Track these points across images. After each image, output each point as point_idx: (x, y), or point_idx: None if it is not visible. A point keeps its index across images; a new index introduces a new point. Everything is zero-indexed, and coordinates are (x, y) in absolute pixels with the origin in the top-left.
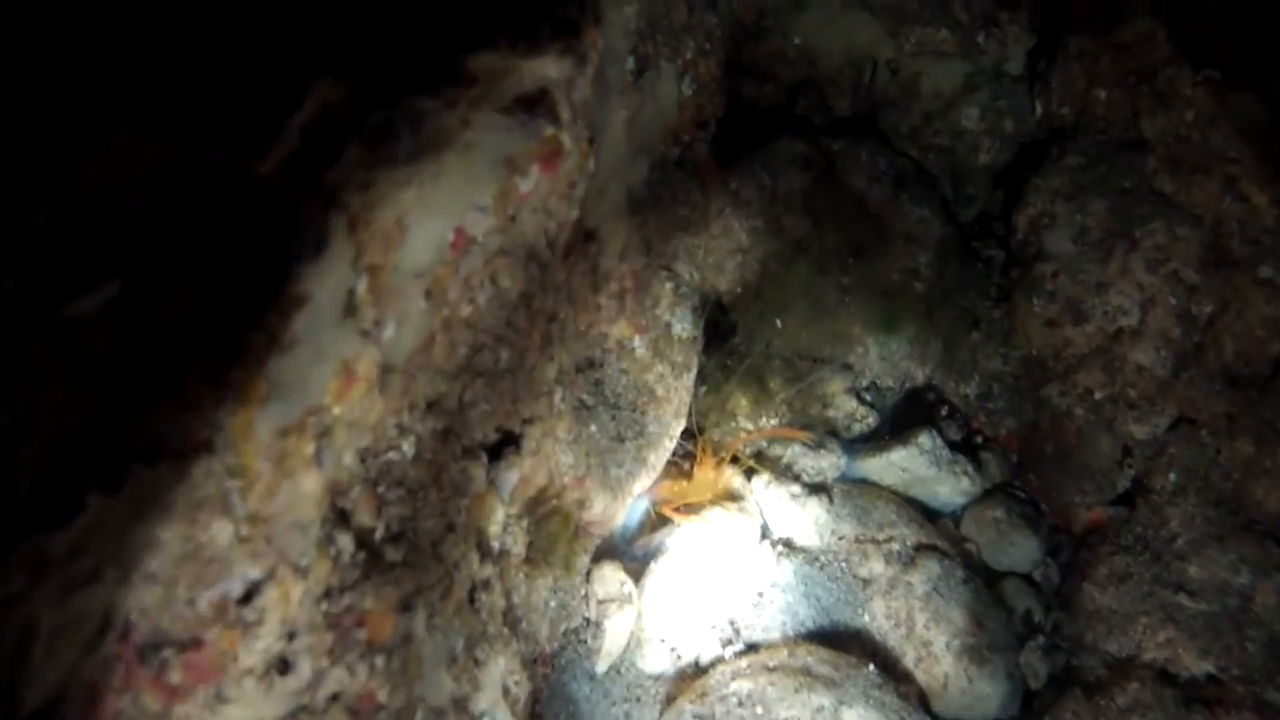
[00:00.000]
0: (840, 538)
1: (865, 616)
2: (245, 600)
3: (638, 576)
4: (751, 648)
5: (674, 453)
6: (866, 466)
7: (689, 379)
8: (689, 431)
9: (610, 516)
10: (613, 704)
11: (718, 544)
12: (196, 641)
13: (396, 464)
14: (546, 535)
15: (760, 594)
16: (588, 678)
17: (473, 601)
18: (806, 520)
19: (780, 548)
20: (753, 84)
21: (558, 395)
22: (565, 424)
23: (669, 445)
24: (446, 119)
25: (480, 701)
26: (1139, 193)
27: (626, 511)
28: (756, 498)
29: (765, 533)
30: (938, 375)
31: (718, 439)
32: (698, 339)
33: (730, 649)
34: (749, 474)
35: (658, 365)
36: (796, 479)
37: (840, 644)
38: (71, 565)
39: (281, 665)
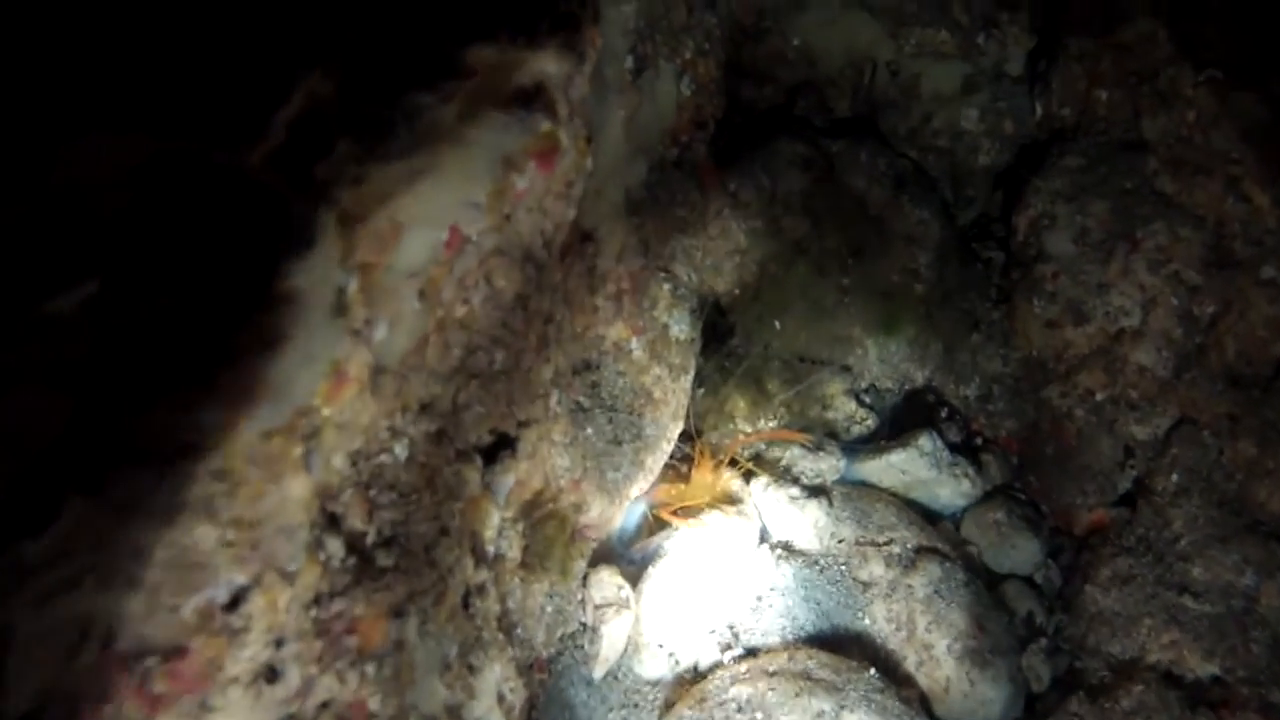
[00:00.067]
0: (840, 541)
1: (866, 620)
2: (231, 607)
3: (635, 581)
4: (751, 652)
5: (672, 455)
6: (866, 469)
7: (686, 381)
8: (687, 434)
9: (607, 520)
10: (610, 710)
11: (716, 547)
12: (181, 650)
13: (388, 467)
14: (542, 539)
15: (759, 598)
16: (585, 684)
17: (467, 607)
18: (806, 523)
19: (779, 551)
20: (751, 85)
21: (554, 398)
22: (561, 427)
23: (666, 448)
24: (442, 114)
25: (475, 709)
26: (1140, 193)
27: (624, 515)
28: (755, 501)
29: (764, 536)
30: (937, 377)
31: (716, 441)
32: (695, 341)
33: (729, 654)
34: (747, 477)
35: (655, 367)
36: (795, 481)
37: (841, 648)
38: (50, 572)
39: (269, 673)
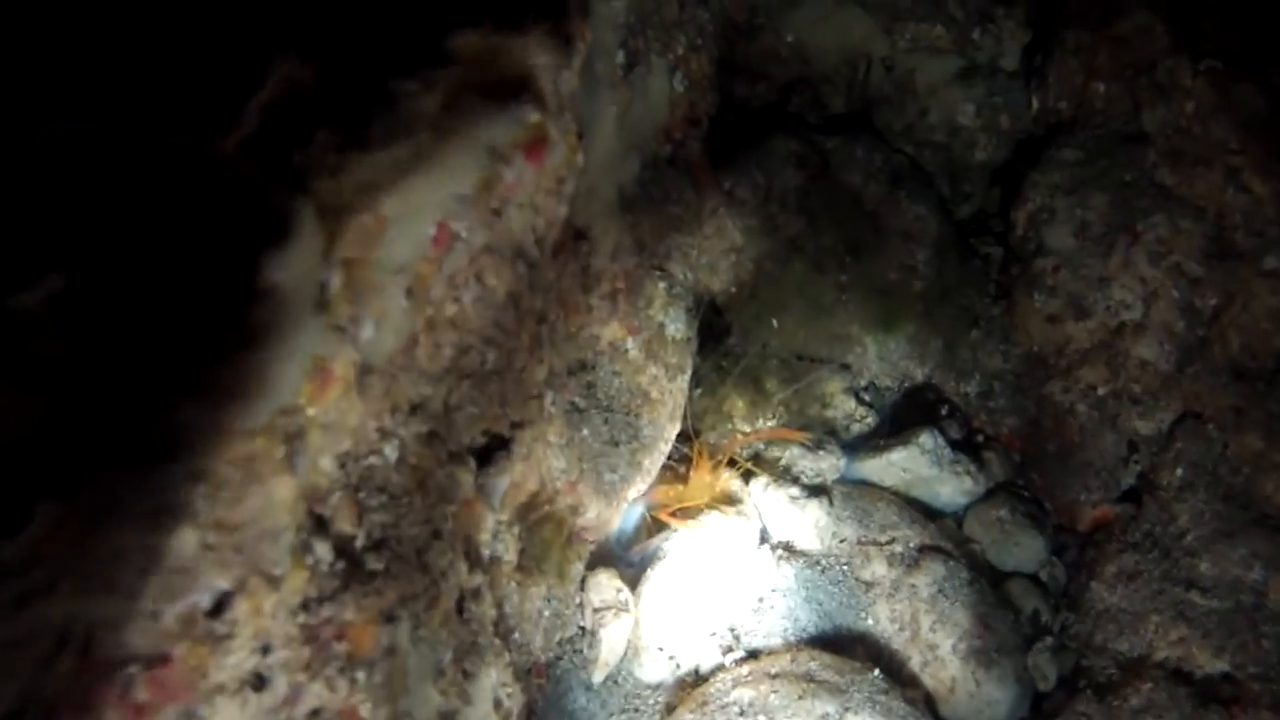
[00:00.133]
0: (841, 540)
1: (869, 620)
2: (214, 613)
3: (634, 583)
4: (752, 654)
5: (670, 456)
6: (867, 467)
7: (684, 381)
8: (684, 434)
9: (605, 522)
10: (610, 715)
11: (716, 549)
12: (163, 657)
13: (378, 469)
14: (539, 542)
15: (760, 599)
16: (584, 688)
17: (461, 612)
18: (806, 523)
19: (780, 552)
20: (745, 83)
21: (548, 398)
22: (556, 428)
23: (664, 449)
24: (425, 102)
25: (470, 716)
26: (1140, 186)
27: (621, 517)
28: (755, 501)
29: (764, 536)
30: (937, 374)
31: (714, 442)
32: (692, 340)
33: (731, 656)
34: (747, 477)
35: (651, 367)
36: (795, 481)
37: (844, 649)
38: (24, 576)
39: (256, 681)
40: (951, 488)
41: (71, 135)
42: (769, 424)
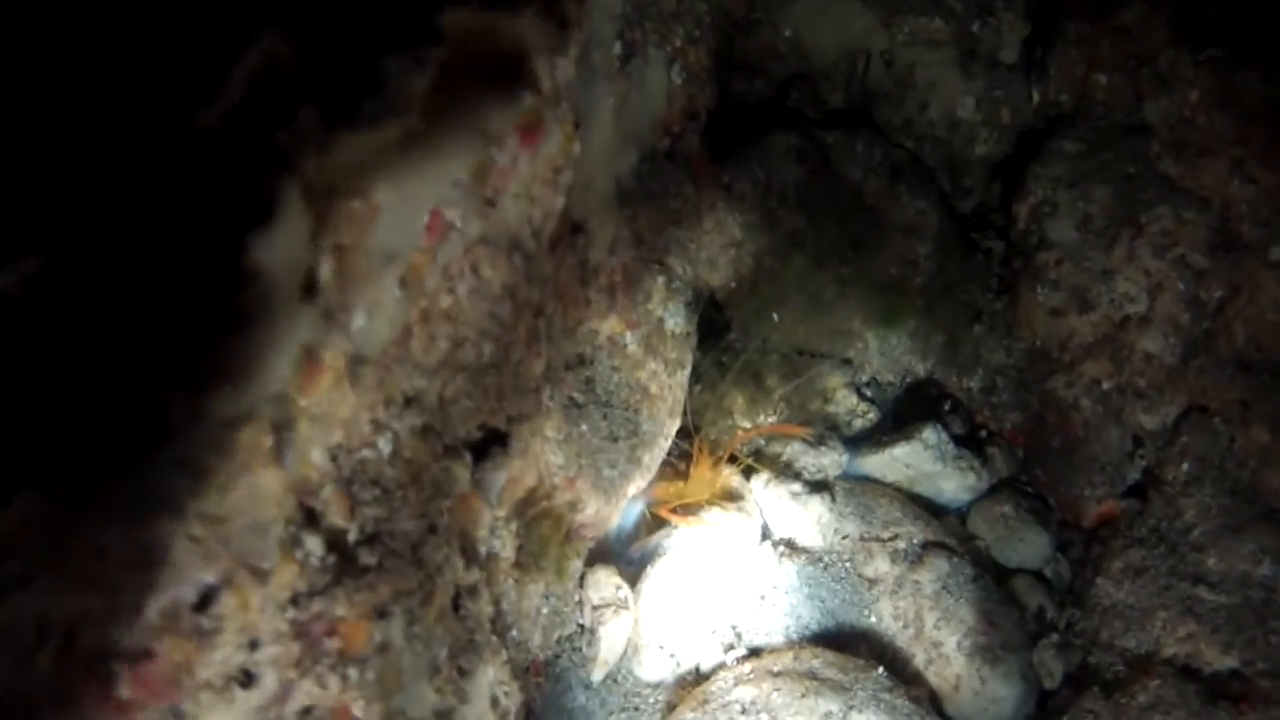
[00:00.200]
0: (844, 537)
1: (872, 618)
2: (200, 607)
3: (634, 581)
4: (754, 652)
5: (669, 453)
6: (869, 463)
7: (683, 376)
8: (685, 430)
9: (604, 519)
10: (610, 714)
11: (717, 546)
12: (147, 652)
13: (371, 462)
14: (537, 539)
15: (762, 597)
16: (583, 687)
17: (457, 608)
18: (808, 519)
19: (782, 548)
20: (742, 79)
21: (546, 393)
22: (554, 423)
23: (664, 445)
24: (415, 81)
25: (467, 714)
26: (1143, 178)
27: (621, 514)
28: (756, 497)
29: (766, 533)
30: (939, 369)
31: (714, 438)
32: (691, 335)
33: (732, 654)
34: (748, 473)
35: (650, 362)
36: (797, 477)
37: (847, 646)
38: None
39: (244, 678)
40: (955, 483)
41: (43, 108)
42: (770, 419)
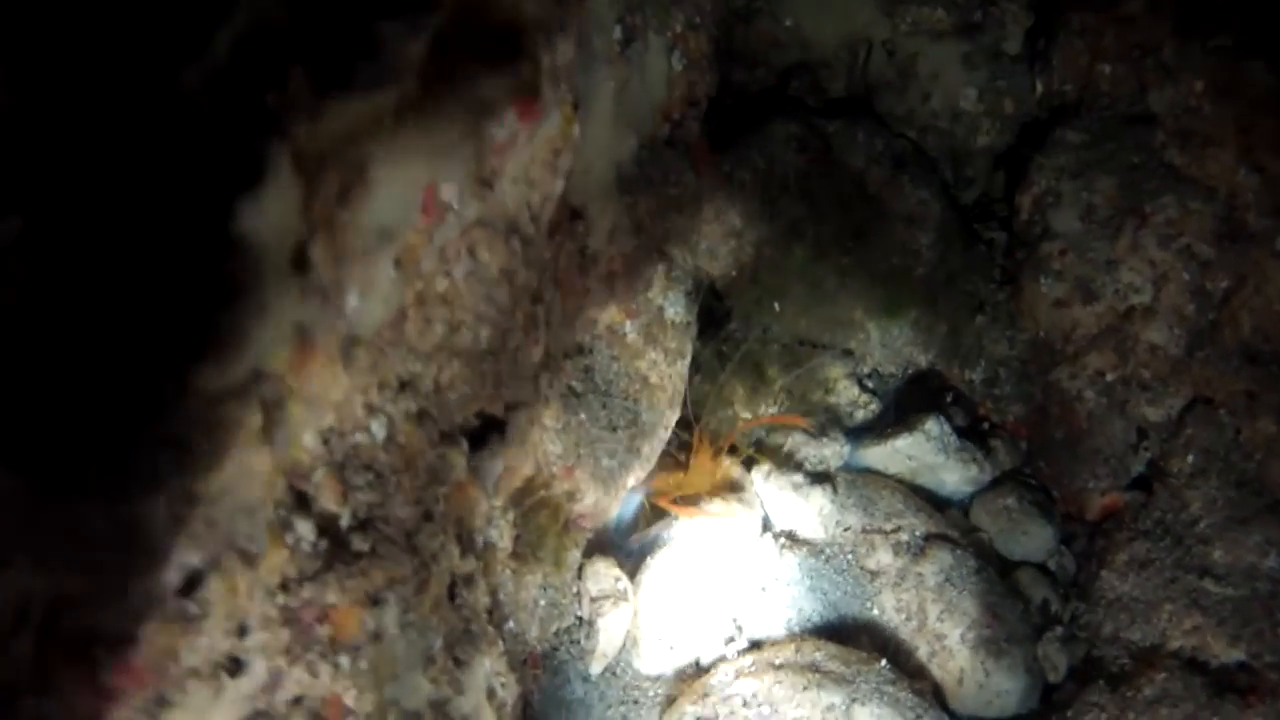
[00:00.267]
0: (846, 529)
1: (874, 610)
2: (185, 591)
3: (633, 573)
4: (755, 645)
5: (669, 444)
6: (871, 455)
7: (683, 366)
8: (685, 421)
9: (603, 509)
10: (609, 707)
11: (717, 537)
12: (130, 637)
13: (364, 447)
14: (534, 528)
15: (763, 589)
16: (581, 680)
17: (453, 598)
18: (810, 511)
19: (783, 540)
20: (742, 69)
21: (544, 381)
22: (553, 412)
23: (664, 435)
24: (410, 47)
25: (462, 705)
26: (1148, 167)
27: (620, 505)
28: (757, 489)
29: (767, 525)
30: (941, 361)
31: (715, 428)
32: (691, 324)
33: (733, 647)
34: (748, 464)
35: (650, 351)
36: (798, 468)
37: (849, 639)
38: None
39: (232, 665)
40: (957, 475)
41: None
42: (771, 410)
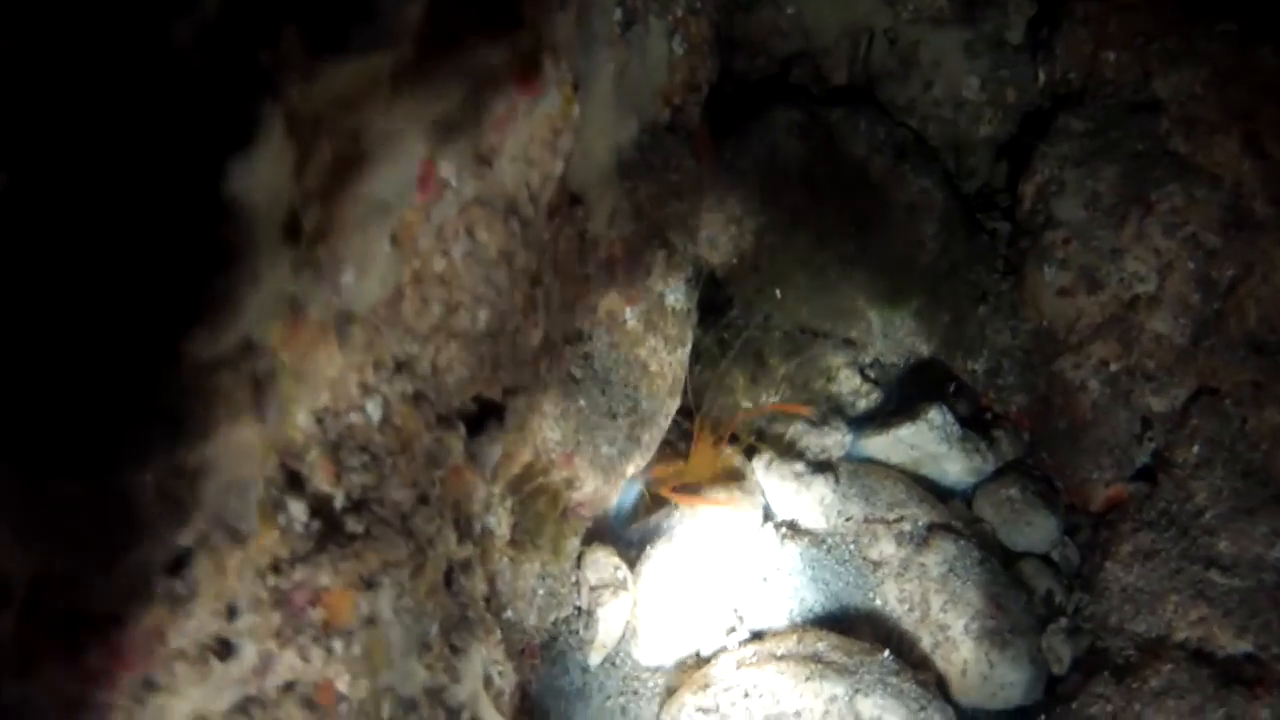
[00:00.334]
0: (848, 519)
1: (877, 601)
2: (173, 570)
3: (633, 562)
4: (757, 635)
5: (670, 433)
6: (872, 444)
7: (683, 354)
8: (685, 409)
9: (602, 498)
10: (608, 698)
11: (718, 527)
12: (115, 618)
13: (359, 428)
14: (533, 516)
15: (765, 579)
16: (580, 670)
17: (450, 584)
18: (811, 500)
19: (784, 530)
20: (744, 57)
21: (543, 366)
22: (552, 397)
23: (663, 423)
24: (406, 8)
25: (459, 693)
26: (1153, 155)
27: (620, 494)
28: (758, 478)
29: (768, 514)
30: (944, 351)
31: (716, 417)
32: (692, 311)
33: (734, 637)
34: (749, 453)
35: (650, 338)
36: (800, 457)
37: (851, 630)
38: None
39: (221, 648)
40: (960, 465)
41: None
42: (772, 399)
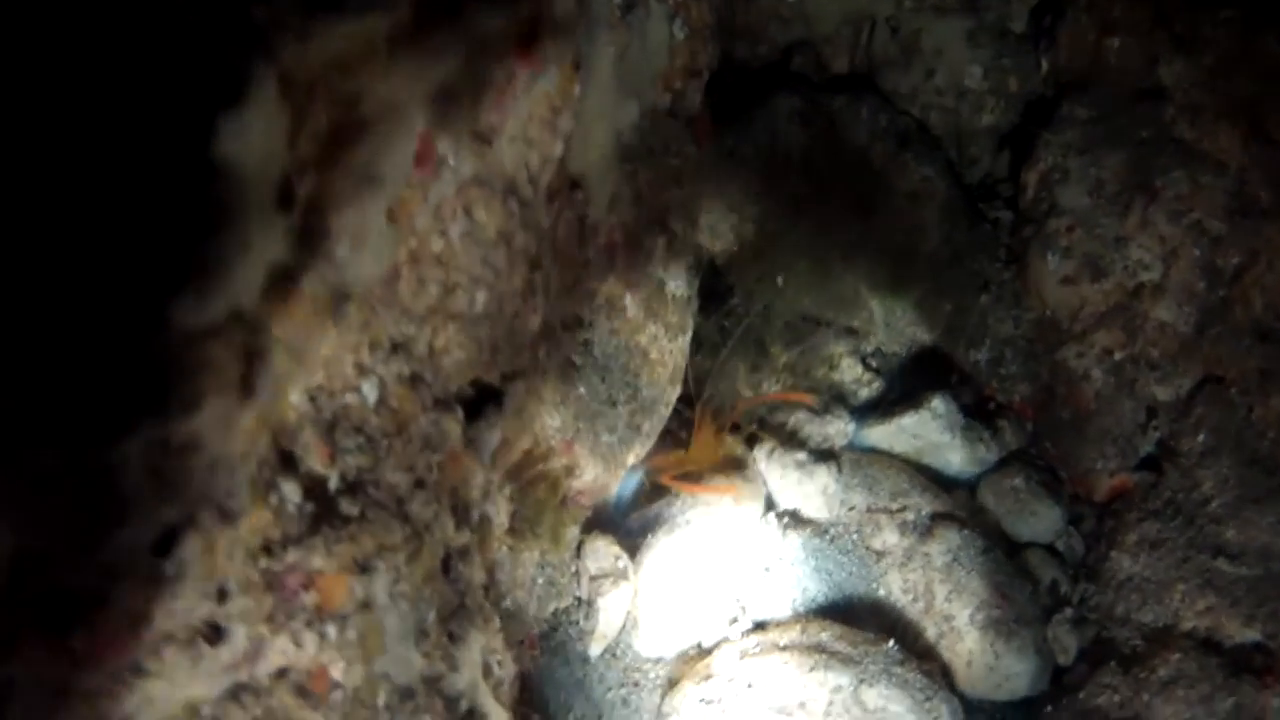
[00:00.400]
0: (850, 508)
1: (881, 591)
2: (160, 549)
3: (633, 551)
4: (759, 626)
5: (671, 421)
6: (875, 434)
7: (684, 341)
8: (686, 398)
9: (602, 486)
10: (609, 689)
11: (719, 516)
12: (101, 599)
13: (354, 408)
14: (532, 504)
15: (767, 569)
16: (581, 661)
17: (447, 571)
18: (814, 490)
19: (787, 519)
20: (745, 45)
21: (542, 351)
22: (551, 384)
23: (664, 411)
24: None
25: (457, 681)
26: (1157, 142)
27: (620, 482)
28: (760, 467)
29: (770, 504)
30: (946, 340)
31: (717, 405)
32: (693, 299)
33: (736, 628)
34: (751, 442)
35: (650, 325)
36: (802, 446)
37: (855, 620)
38: None
39: (211, 632)
40: (964, 455)
41: None
42: (774, 387)
